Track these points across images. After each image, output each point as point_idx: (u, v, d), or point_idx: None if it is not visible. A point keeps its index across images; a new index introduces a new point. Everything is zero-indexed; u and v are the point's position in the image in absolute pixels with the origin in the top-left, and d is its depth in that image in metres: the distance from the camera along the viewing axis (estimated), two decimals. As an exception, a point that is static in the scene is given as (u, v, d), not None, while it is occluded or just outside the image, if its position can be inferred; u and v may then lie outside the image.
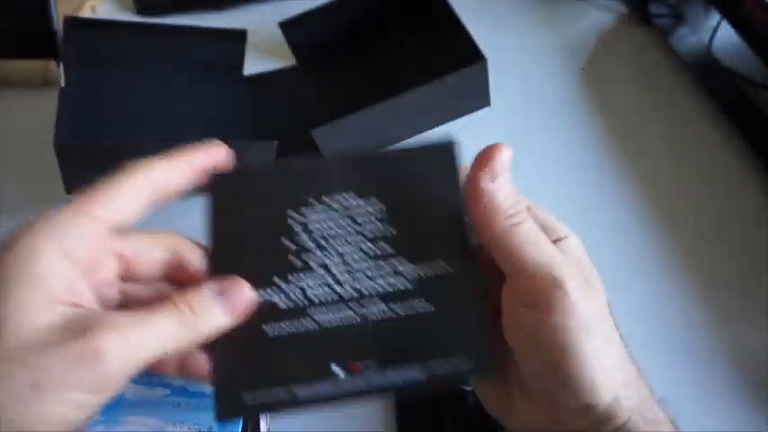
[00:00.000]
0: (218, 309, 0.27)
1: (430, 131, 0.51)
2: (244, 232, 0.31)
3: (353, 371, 0.30)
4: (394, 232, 0.31)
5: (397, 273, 0.31)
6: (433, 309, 0.31)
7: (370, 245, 0.31)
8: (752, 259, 0.46)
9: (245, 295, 0.28)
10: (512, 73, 0.60)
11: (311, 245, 0.31)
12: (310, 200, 0.31)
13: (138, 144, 0.45)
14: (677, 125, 0.56)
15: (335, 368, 0.30)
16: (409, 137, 0.50)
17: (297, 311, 0.30)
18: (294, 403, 0.30)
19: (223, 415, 0.29)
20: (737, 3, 0.57)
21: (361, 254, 0.31)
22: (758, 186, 0.51)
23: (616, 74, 0.61)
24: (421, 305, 0.31)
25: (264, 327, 0.30)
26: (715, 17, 0.63)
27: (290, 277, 0.31)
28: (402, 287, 0.31)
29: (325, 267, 0.31)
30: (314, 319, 0.30)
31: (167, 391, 0.32)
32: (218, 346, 0.29)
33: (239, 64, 0.57)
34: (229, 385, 0.29)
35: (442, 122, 0.51)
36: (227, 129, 0.55)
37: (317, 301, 0.30)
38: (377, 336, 0.30)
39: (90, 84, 0.52)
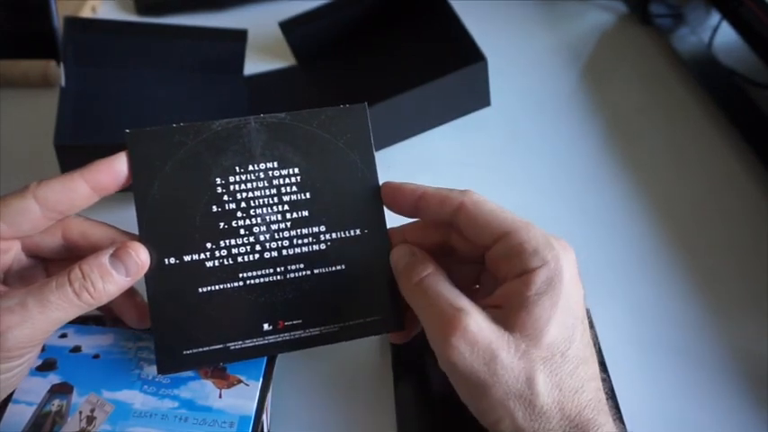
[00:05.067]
0: (113, 272, 0.30)
1: (430, 131, 0.51)
2: (169, 199, 0.32)
3: (280, 328, 0.33)
4: (308, 196, 0.34)
5: (312, 234, 0.34)
6: (343, 267, 0.33)
7: (287, 208, 0.33)
8: (752, 259, 0.46)
9: (138, 257, 0.31)
10: (512, 73, 0.59)
11: (234, 207, 0.33)
12: (235, 167, 0.33)
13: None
14: (677, 125, 0.56)
15: (266, 326, 0.33)
16: (409, 137, 0.50)
17: (225, 271, 0.32)
18: (227, 356, 0.32)
19: (164, 370, 0.32)
20: (737, 3, 0.57)
21: (279, 216, 0.33)
22: (758, 186, 0.51)
23: (616, 74, 0.61)
24: (333, 264, 0.34)
25: (197, 287, 0.32)
26: (715, 17, 0.63)
27: (216, 239, 0.32)
28: (316, 248, 0.33)
29: (249, 229, 0.33)
30: (240, 278, 0.33)
31: (175, 404, 0.32)
32: (153, 306, 0.32)
33: (239, 64, 0.57)
34: (169, 342, 0.32)
35: (442, 122, 0.51)
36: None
37: (241, 260, 0.33)
38: (298, 293, 0.33)
39: (90, 84, 0.52)
